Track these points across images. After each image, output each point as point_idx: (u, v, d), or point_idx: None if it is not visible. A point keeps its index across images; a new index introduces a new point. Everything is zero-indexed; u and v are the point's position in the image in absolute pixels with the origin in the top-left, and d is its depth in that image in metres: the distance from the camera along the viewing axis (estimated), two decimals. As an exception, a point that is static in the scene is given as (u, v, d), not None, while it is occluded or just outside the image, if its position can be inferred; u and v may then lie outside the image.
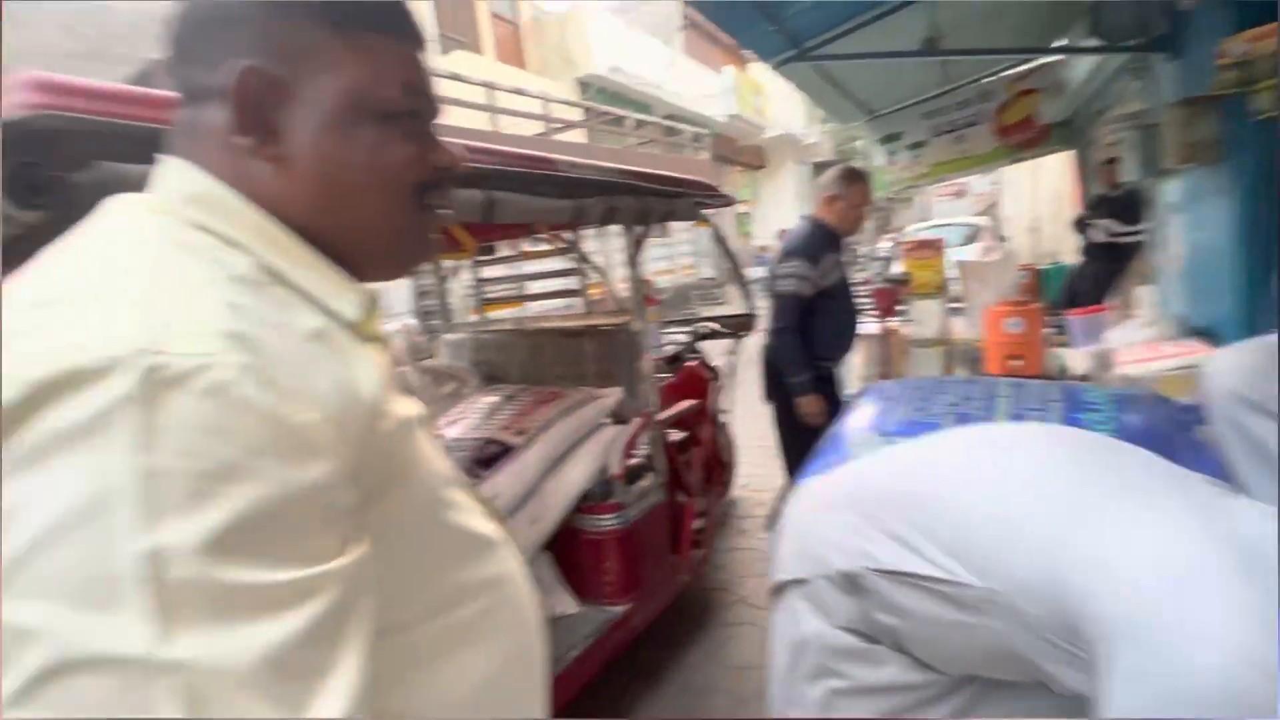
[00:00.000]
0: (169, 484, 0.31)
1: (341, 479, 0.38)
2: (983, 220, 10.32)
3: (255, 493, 0.32)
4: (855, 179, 2.28)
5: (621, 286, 2.33)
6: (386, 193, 0.48)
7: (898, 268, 5.54)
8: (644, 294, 2.00)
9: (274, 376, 0.35)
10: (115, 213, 0.44)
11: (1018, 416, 1.34)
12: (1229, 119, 2.36)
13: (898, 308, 3.96)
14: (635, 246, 1.88)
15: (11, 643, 0.28)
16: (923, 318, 3.89)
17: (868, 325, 4.37)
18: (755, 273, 7.44)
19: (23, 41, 4.80)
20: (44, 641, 0.28)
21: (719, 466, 2.56)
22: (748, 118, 14.63)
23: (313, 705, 0.32)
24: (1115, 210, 4.81)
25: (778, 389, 2.26)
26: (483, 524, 0.53)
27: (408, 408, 0.49)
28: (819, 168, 19.21)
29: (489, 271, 2.87)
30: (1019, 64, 4.35)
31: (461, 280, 2.90)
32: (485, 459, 1.65)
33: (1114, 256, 4.96)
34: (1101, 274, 4.99)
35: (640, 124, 7.77)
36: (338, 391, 0.40)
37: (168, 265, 0.39)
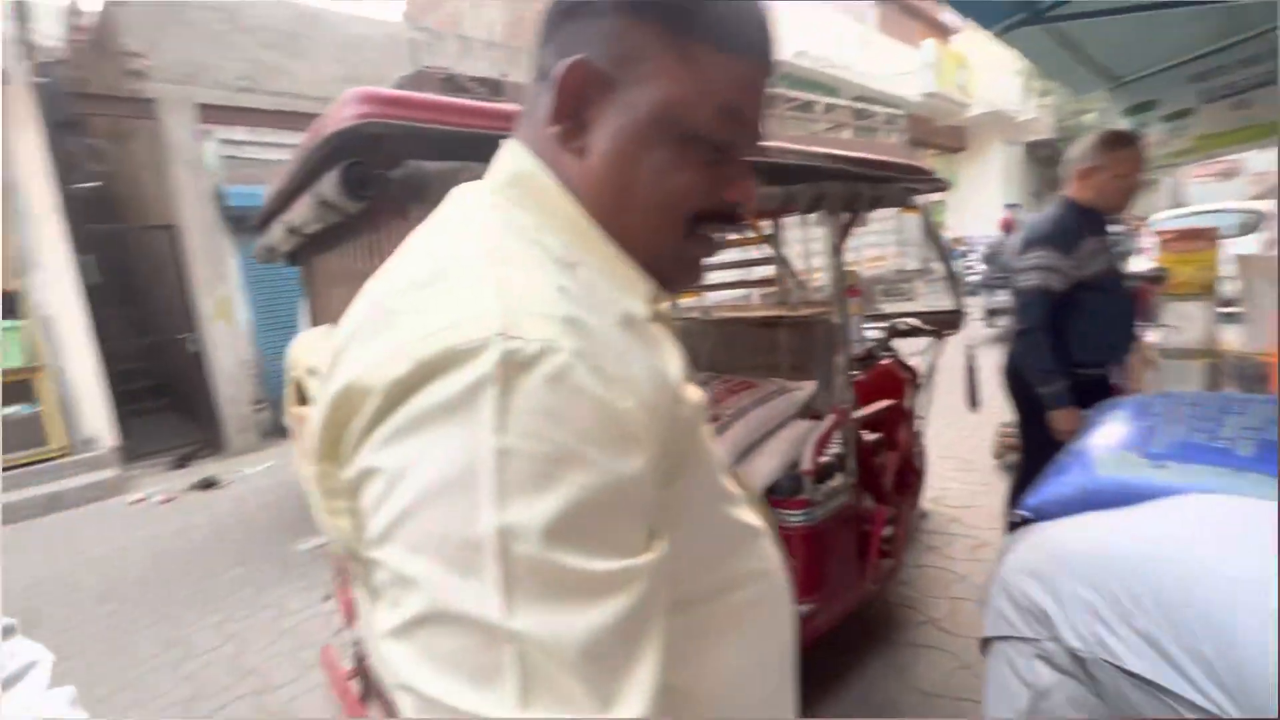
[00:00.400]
0: (518, 465, 0.32)
1: (651, 469, 0.38)
2: (1263, 206, 8.27)
3: (587, 480, 0.34)
4: (1122, 143, 1.87)
5: (815, 277, 2.24)
6: (660, 214, 0.46)
7: (1146, 262, 4.64)
8: (847, 285, 1.90)
9: (600, 363, 0.36)
10: (465, 198, 0.48)
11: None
12: None
13: (1146, 313, 3.33)
14: (840, 234, 1.80)
15: (397, 585, 0.33)
16: (1181, 323, 3.23)
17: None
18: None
19: (309, 72, 5.91)
20: (421, 590, 0.32)
21: (912, 474, 2.36)
22: (948, 95, 13.25)
23: (619, 700, 0.33)
24: None
25: (1025, 399, 1.95)
26: (751, 514, 0.54)
27: (697, 394, 0.50)
28: (1034, 148, 16.83)
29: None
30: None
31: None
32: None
33: None
34: None
35: (829, 108, 7.38)
36: (649, 378, 0.40)
37: (509, 249, 0.41)
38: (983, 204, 15.58)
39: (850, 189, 1.74)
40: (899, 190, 1.95)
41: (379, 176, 0.92)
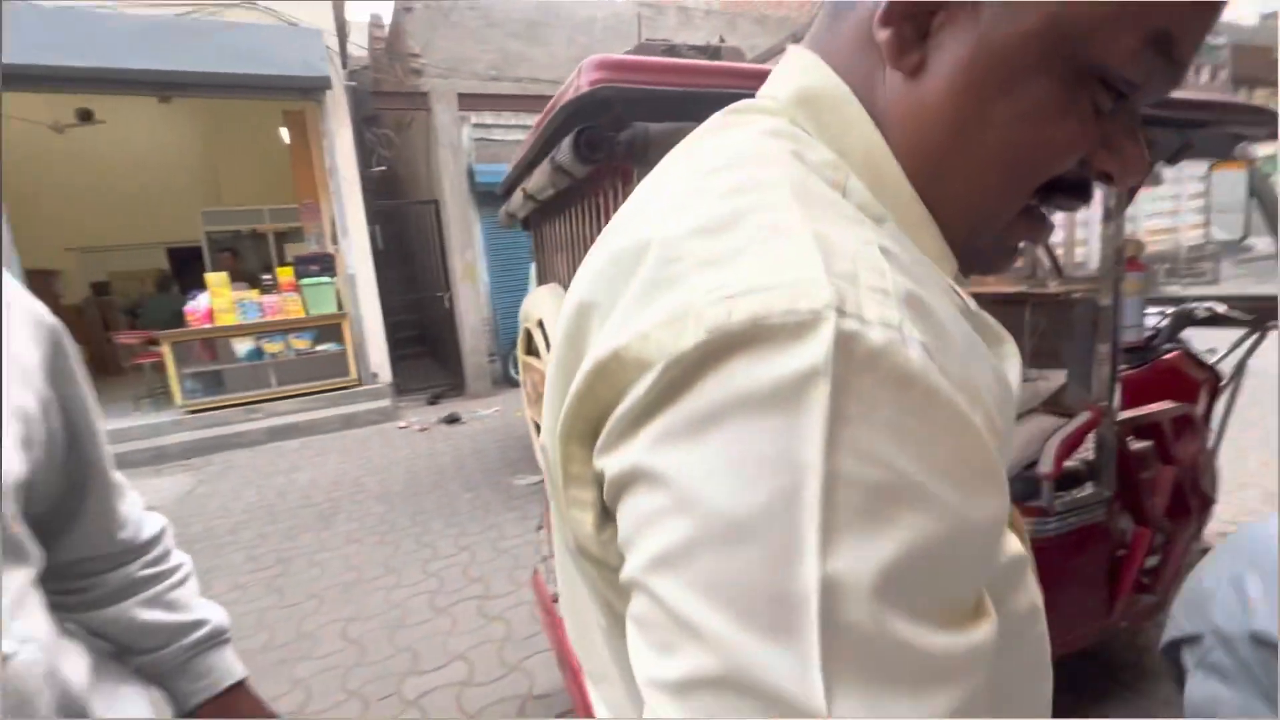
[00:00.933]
0: (851, 497, 0.23)
1: (1004, 512, 0.28)
2: None
3: (931, 527, 0.24)
4: None
5: (1076, 246, 1.88)
6: (1008, 173, 0.33)
7: None
8: (1126, 257, 1.55)
9: (949, 363, 0.26)
10: (739, 121, 0.37)
11: None
12: None
13: None
14: (1126, 195, 1.46)
15: (674, 628, 0.25)
16: None
17: None
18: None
19: (546, 57, 6.49)
20: (709, 646, 0.24)
21: (1195, 497, 1.89)
22: (1301, 14, 9.99)
23: None
24: None
25: None
26: (1020, 538, 0.42)
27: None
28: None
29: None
30: None
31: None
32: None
33: None
34: None
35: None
36: (992, 386, 0.30)
37: (813, 191, 0.31)
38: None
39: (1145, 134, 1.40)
40: (1221, 137, 1.52)
41: (608, 139, 0.97)
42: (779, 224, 0.28)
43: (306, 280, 5.87)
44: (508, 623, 2.43)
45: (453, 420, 5.59)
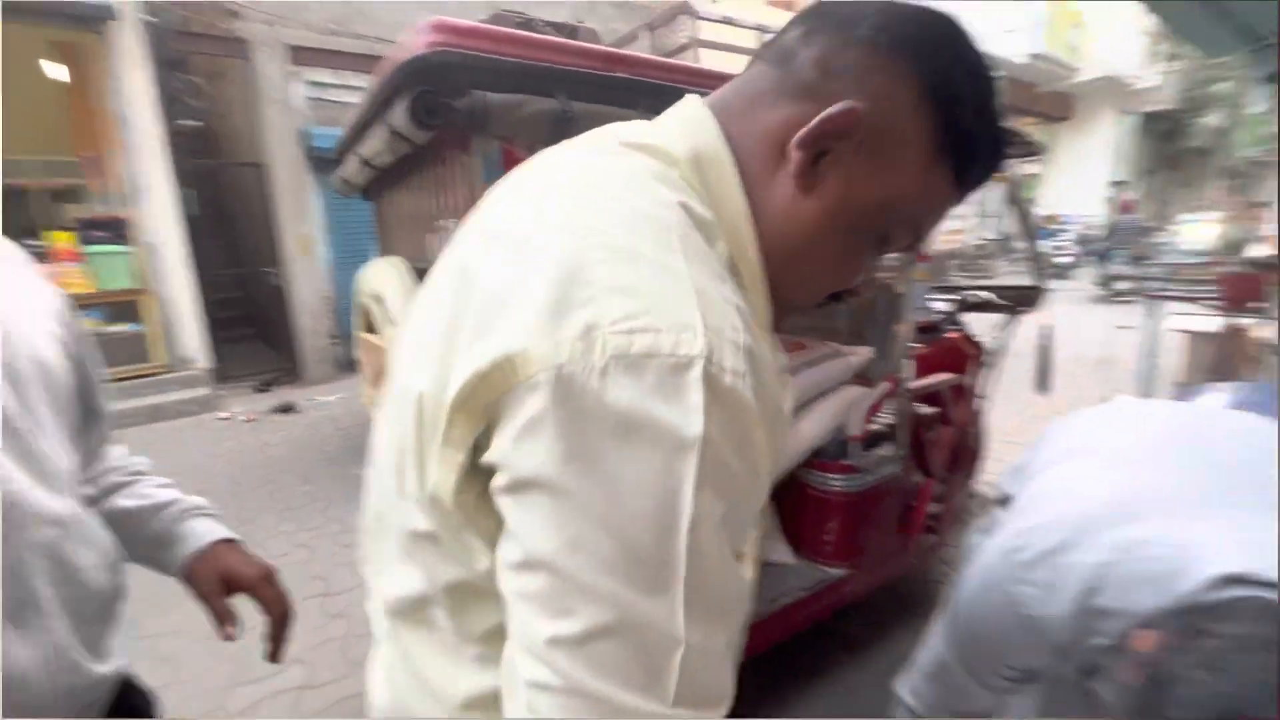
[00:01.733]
0: (706, 495, 0.34)
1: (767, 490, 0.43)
2: None
3: (741, 501, 0.37)
4: None
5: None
6: (831, 279, 0.48)
7: (1264, 249, 4.21)
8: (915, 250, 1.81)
9: (763, 397, 0.36)
10: (632, 152, 0.44)
11: None
12: None
13: (1255, 303, 3.03)
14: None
15: (578, 595, 0.34)
16: (1295, 317, 2.92)
17: (1200, 320, 3.44)
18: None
19: (392, 16, 6.01)
20: (607, 605, 0.33)
21: (967, 453, 2.28)
22: (1055, 57, 12.10)
23: (729, 689, 0.38)
24: None
25: None
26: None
27: None
28: (1152, 119, 15.23)
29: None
30: None
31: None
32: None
33: None
34: None
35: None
36: (780, 416, 0.42)
37: (694, 246, 0.39)
38: (1084, 180, 14.35)
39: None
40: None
41: (446, 105, 0.95)
42: (669, 267, 0.36)
43: (94, 249, 4.95)
44: (350, 619, 2.30)
45: (286, 409, 5.06)
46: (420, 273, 1.36)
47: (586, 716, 0.34)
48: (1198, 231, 9.46)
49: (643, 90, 1.23)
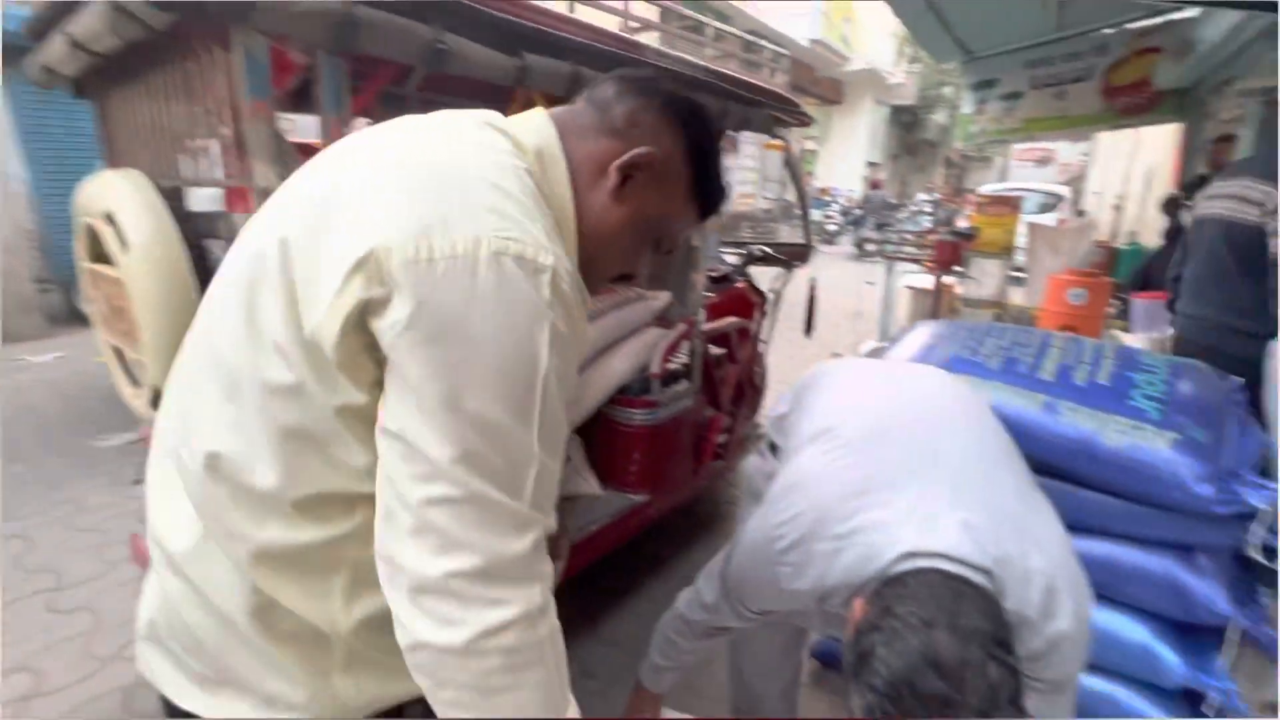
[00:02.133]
0: (552, 378, 0.51)
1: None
2: (1064, 190, 9.70)
3: (569, 378, 0.54)
4: None
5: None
6: (614, 266, 0.68)
7: (964, 222, 5.29)
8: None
9: (579, 311, 0.55)
10: (495, 133, 0.59)
11: (1068, 369, 1.34)
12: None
13: (956, 266, 3.84)
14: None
15: (433, 470, 0.48)
16: (982, 277, 3.78)
17: (919, 278, 4.27)
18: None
19: None
20: (457, 482, 0.48)
21: (751, 389, 2.60)
22: (831, 45, 13.65)
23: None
24: (1213, 194, 4.47)
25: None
26: None
27: None
28: (899, 112, 18.06)
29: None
30: (1148, 15, 3.91)
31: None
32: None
33: (1199, 244, 4.65)
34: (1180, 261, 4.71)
35: (720, 35, 7.36)
36: (584, 325, 0.60)
37: (537, 203, 0.56)
38: (851, 159, 16.60)
39: (720, 106, 1.79)
40: (765, 117, 2.04)
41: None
42: (527, 207, 0.53)
43: None
44: (95, 612, 1.94)
45: (-24, 372, 3.95)
46: (168, 192, 1.14)
47: (473, 516, 0.47)
48: (924, 208, 11.65)
49: None
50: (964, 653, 0.61)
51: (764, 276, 2.79)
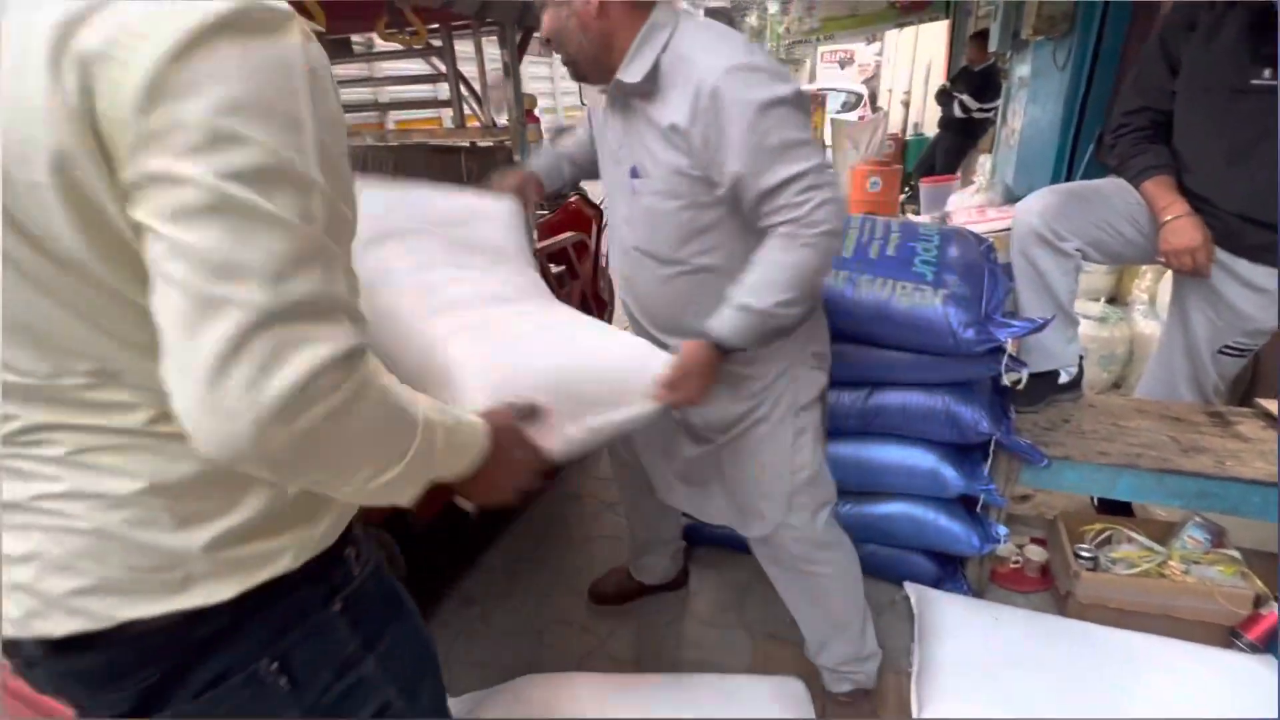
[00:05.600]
0: (322, 127, 0.48)
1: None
2: (863, 89, 10.53)
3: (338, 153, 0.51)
4: None
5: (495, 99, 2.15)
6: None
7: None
8: (524, 110, 1.87)
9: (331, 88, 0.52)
10: None
11: (864, 245, 1.50)
12: (1085, -9, 2.48)
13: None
14: (515, 53, 1.73)
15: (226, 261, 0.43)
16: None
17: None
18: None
19: None
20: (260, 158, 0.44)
21: (597, 304, 2.62)
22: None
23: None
24: (973, 85, 5.12)
25: None
26: None
27: None
28: (713, 14, 18.09)
29: (343, 70, 2.49)
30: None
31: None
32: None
33: (967, 131, 5.35)
34: (954, 147, 5.40)
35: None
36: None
37: None
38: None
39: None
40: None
41: None
42: None
43: None
44: None
45: None
46: None
47: (272, 240, 0.43)
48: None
49: None
50: None
51: (598, 190, 2.75)
